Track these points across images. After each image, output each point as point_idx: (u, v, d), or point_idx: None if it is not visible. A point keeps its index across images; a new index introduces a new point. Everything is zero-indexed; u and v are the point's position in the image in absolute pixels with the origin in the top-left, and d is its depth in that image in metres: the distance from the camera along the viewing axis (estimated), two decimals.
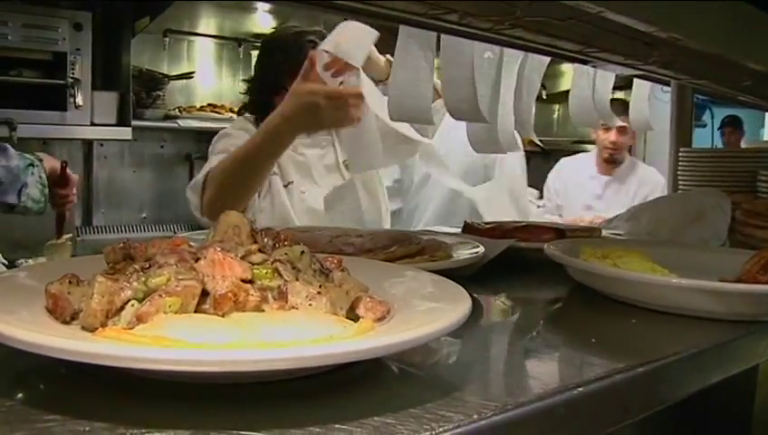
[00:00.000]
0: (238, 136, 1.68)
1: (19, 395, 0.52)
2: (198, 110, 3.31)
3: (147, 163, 3.32)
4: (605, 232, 1.44)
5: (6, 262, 1.74)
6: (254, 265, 0.62)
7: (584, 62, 1.18)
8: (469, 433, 0.48)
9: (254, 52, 3.48)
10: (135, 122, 2.85)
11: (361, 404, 0.51)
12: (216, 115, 3.26)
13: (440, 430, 0.47)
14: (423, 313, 0.61)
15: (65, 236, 1.81)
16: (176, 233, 2.74)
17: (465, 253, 1.02)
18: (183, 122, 3.14)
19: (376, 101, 1.44)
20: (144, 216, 3.32)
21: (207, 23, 3.38)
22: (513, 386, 0.63)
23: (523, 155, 2.49)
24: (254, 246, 0.65)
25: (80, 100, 2.57)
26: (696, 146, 2.16)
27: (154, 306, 0.54)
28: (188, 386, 0.51)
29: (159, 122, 3.12)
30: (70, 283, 0.59)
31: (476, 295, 0.83)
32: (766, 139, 7.29)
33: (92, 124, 2.70)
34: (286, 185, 1.76)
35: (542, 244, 1.03)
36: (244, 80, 2.10)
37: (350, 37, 1.42)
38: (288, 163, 1.77)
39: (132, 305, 0.56)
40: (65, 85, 2.58)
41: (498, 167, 2.40)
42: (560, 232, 1.27)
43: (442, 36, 1.17)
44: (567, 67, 3.53)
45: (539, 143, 1.74)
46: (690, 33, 0.93)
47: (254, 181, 1.53)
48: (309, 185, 1.80)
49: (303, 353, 0.48)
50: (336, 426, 0.46)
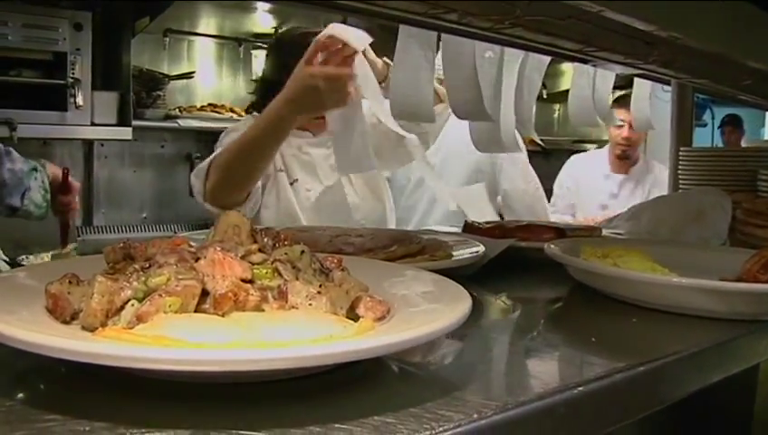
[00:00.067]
0: None
1: (19, 395, 0.52)
2: (199, 109, 3.31)
3: (147, 163, 3.32)
4: (605, 231, 1.44)
5: (8, 259, 1.74)
6: (253, 264, 0.62)
7: (584, 62, 1.18)
8: (469, 433, 0.48)
9: (254, 51, 3.48)
10: (135, 122, 2.85)
11: (362, 404, 0.51)
12: (217, 115, 3.26)
13: (440, 429, 0.47)
14: (423, 312, 0.61)
15: (70, 246, 1.81)
16: (176, 233, 2.74)
17: (465, 252, 1.02)
18: (183, 122, 3.14)
19: (379, 105, 1.45)
20: (144, 216, 3.32)
21: (207, 22, 3.37)
22: (514, 385, 0.63)
23: (527, 163, 2.50)
24: (254, 246, 0.65)
25: (80, 100, 2.57)
26: (697, 145, 2.16)
27: (154, 306, 0.54)
28: (188, 386, 0.51)
29: (160, 122, 3.12)
30: (70, 283, 0.59)
31: (477, 295, 0.83)
32: (767, 138, 7.29)
33: (93, 124, 2.70)
34: (292, 183, 1.78)
35: (542, 243, 1.03)
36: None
37: (349, 29, 1.45)
38: (294, 162, 1.79)
39: (132, 305, 0.56)
40: (65, 85, 2.58)
41: (503, 172, 2.41)
42: (560, 231, 1.27)
43: (442, 36, 1.17)
44: (567, 66, 3.53)
45: (540, 142, 1.75)
46: (690, 33, 0.93)
47: (256, 167, 1.54)
48: (314, 183, 1.82)
49: (303, 353, 0.48)
50: (336, 425, 0.46)
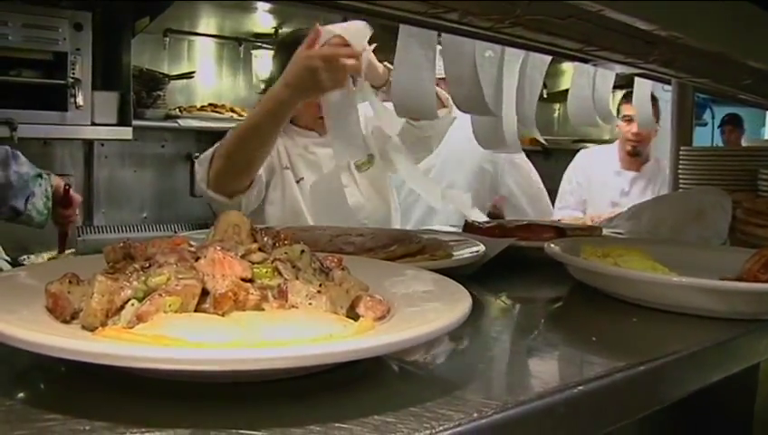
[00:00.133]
0: None
1: (19, 394, 0.52)
2: (199, 109, 3.30)
3: (147, 163, 3.32)
4: (605, 231, 1.44)
5: (9, 259, 1.74)
6: (253, 264, 0.62)
7: (584, 61, 1.18)
8: (469, 432, 0.48)
9: (254, 51, 3.48)
10: (135, 122, 2.85)
11: (362, 403, 0.51)
12: (217, 115, 3.26)
13: (440, 428, 0.47)
14: (423, 312, 0.61)
15: (67, 251, 1.81)
16: (176, 233, 2.74)
17: (465, 252, 1.02)
18: (183, 122, 3.13)
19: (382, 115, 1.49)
20: (145, 215, 3.32)
21: (208, 22, 3.37)
22: (514, 385, 0.63)
23: (529, 163, 2.53)
24: (254, 245, 0.65)
25: (80, 100, 2.57)
26: (697, 145, 2.16)
27: (154, 305, 0.54)
28: (188, 385, 0.51)
29: (160, 122, 3.12)
30: (70, 282, 0.59)
31: (477, 294, 0.83)
32: (767, 137, 7.29)
33: (93, 124, 2.70)
34: (298, 181, 1.80)
35: (542, 243, 1.03)
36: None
37: (351, 27, 1.48)
38: (299, 161, 1.81)
39: (132, 305, 0.56)
40: (66, 85, 2.58)
41: (505, 173, 2.45)
42: (560, 231, 1.27)
43: (443, 35, 1.17)
44: (567, 66, 3.53)
45: (543, 141, 1.75)
46: (690, 32, 0.93)
47: (257, 152, 1.56)
48: None
49: (303, 352, 0.48)
50: (336, 425, 0.46)
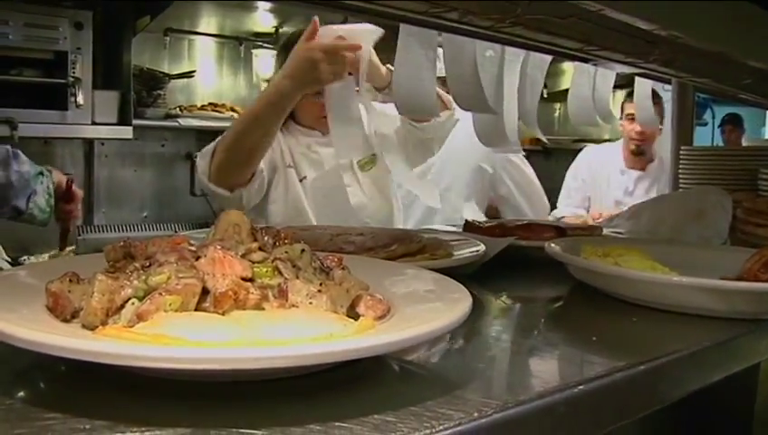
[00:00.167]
0: None
1: (19, 393, 0.52)
2: (199, 109, 3.30)
3: (148, 162, 3.31)
4: (606, 230, 1.44)
5: (10, 259, 1.74)
6: (254, 263, 0.62)
7: (585, 61, 1.18)
8: (470, 431, 0.48)
9: (255, 51, 3.48)
10: (136, 121, 2.85)
11: (362, 402, 0.51)
12: (217, 114, 3.26)
13: (441, 428, 0.47)
14: (423, 311, 0.61)
15: (68, 249, 1.81)
16: (176, 232, 2.74)
17: (465, 251, 1.02)
18: (184, 121, 3.13)
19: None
20: (145, 215, 3.32)
21: (208, 22, 3.37)
22: (514, 384, 0.63)
23: (526, 162, 2.55)
24: (255, 245, 0.65)
25: (81, 99, 2.57)
26: (697, 144, 2.16)
27: (154, 304, 0.54)
28: (188, 384, 0.51)
29: (160, 121, 3.11)
30: (70, 281, 0.59)
31: (477, 294, 0.83)
32: (767, 137, 7.29)
33: (93, 123, 2.69)
34: (301, 180, 1.80)
35: (542, 242, 1.03)
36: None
37: (356, 29, 1.49)
38: (303, 160, 1.82)
39: (132, 304, 0.56)
40: (66, 84, 2.58)
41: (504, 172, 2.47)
42: (560, 230, 1.27)
43: (443, 34, 1.17)
44: (568, 66, 3.53)
45: (544, 139, 1.76)
46: (691, 32, 0.93)
47: (259, 144, 1.56)
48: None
49: (304, 351, 0.48)
50: (336, 424, 0.46)
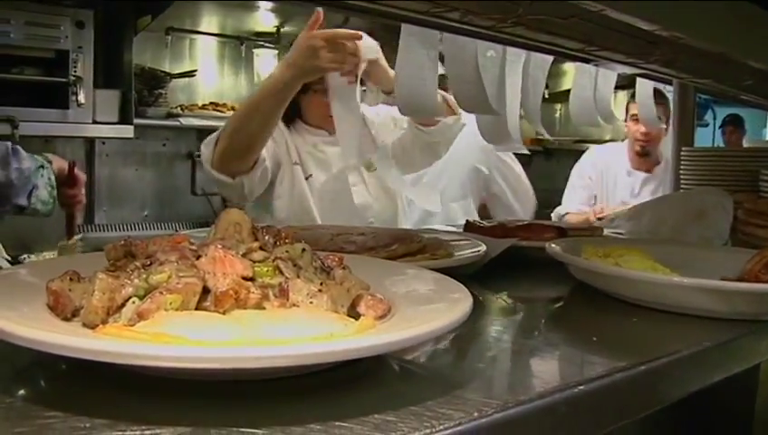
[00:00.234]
0: None
1: (20, 392, 0.52)
2: (200, 108, 3.30)
3: (148, 161, 3.32)
4: (606, 231, 1.44)
5: (10, 258, 1.74)
6: (255, 262, 0.62)
7: (586, 61, 1.18)
8: (470, 431, 0.48)
9: (256, 50, 3.48)
10: (137, 120, 2.85)
11: (362, 402, 0.51)
12: (218, 113, 3.26)
13: (441, 427, 0.47)
14: (424, 311, 0.61)
15: (76, 237, 1.80)
16: (177, 231, 2.74)
17: (466, 252, 1.02)
18: (185, 121, 3.13)
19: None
20: (146, 214, 3.32)
21: (209, 21, 3.37)
22: (514, 384, 0.63)
23: (518, 163, 2.57)
24: (255, 244, 0.65)
25: (82, 98, 2.57)
26: (698, 145, 2.16)
27: (155, 303, 0.54)
28: (189, 383, 0.51)
29: (161, 121, 3.12)
30: (71, 280, 0.59)
31: (478, 294, 0.83)
32: None
33: (94, 122, 2.70)
34: (307, 178, 1.82)
35: (543, 243, 1.03)
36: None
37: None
38: (309, 158, 1.84)
39: (133, 302, 0.56)
40: (67, 83, 2.58)
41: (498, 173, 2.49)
42: (561, 231, 1.27)
43: (445, 35, 1.17)
44: (569, 66, 3.53)
45: (549, 137, 1.77)
46: (692, 32, 0.93)
47: (260, 132, 1.59)
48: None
49: (304, 351, 0.48)
50: (336, 423, 0.46)
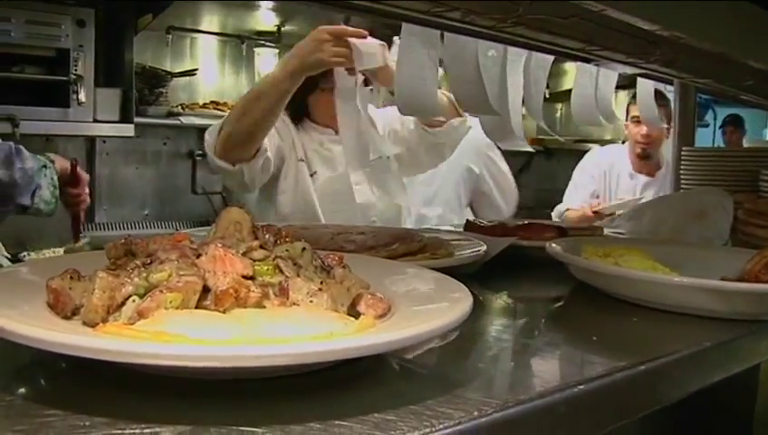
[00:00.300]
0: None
1: (20, 390, 0.52)
2: (201, 107, 3.30)
3: (149, 160, 3.32)
4: (607, 231, 1.44)
5: (10, 256, 1.74)
6: (255, 261, 0.62)
7: (587, 61, 1.18)
8: (469, 430, 0.48)
9: (256, 49, 3.48)
10: (138, 119, 2.85)
11: (362, 401, 0.51)
12: (219, 112, 3.25)
13: (441, 426, 0.47)
14: (424, 310, 0.61)
15: (83, 240, 1.80)
16: (178, 230, 2.74)
17: (466, 251, 1.02)
18: (186, 120, 3.13)
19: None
20: (146, 213, 3.32)
21: (210, 20, 3.37)
22: (514, 383, 0.63)
23: (506, 167, 2.59)
24: (256, 243, 0.65)
25: (82, 96, 2.57)
26: (698, 145, 2.16)
27: (155, 302, 0.54)
28: (189, 382, 0.51)
29: (162, 119, 3.12)
30: (71, 278, 0.59)
31: (478, 293, 0.83)
32: None
33: (95, 121, 2.70)
34: (311, 175, 1.84)
35: (543, 242, 1.03)
36: None
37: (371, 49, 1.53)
38: (315, 156, 1.85)
39: (133, 301, 0.56)
40: (68, 82, 2.58)
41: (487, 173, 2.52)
42: (561, 230, 1.27)
43: (446, 34, 1.17)
44: (570, 66, 3.52)
45: (553, 134, 1.78)
46: (692, 32, 0.93)
47: (262, 122, 1.60)
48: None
49: (304, 350, 0.48)
50: (336, 422, 0.46)
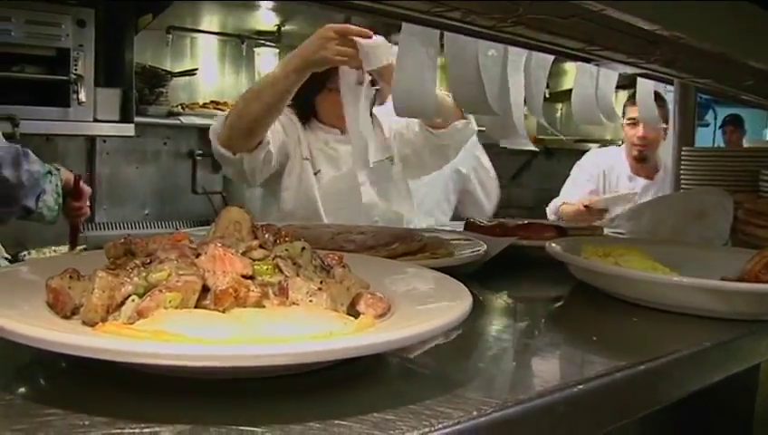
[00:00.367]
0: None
1: (19, 389, 0.52)
2: (201, 107, 3.30)
3: (149, 160, 3.31)
4: (607, 231, 1.44)
5: (9, 257, 1.74)
6: (254, 260, 0.62)
7: (587, 61, 1.18)
8: (469, 430, 0.48)
9: (257, 49, 3.47)
10: (138, 119, 2.85)
11: (361, 400, 0.51)
12: (219, 112, 3.24)
13: (440, 426, 0.47)
14: (423, 310, 0.61)
15: (79, 248, 1.81)
16: (178, 229, 2.74)
17: (466, 251, 1.02)
18: (186, 119, 3.13)
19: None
20: (146, 212, 3.32)
21: (210, 20, 3.37)
22: (514, 383, 0.63)
23: (489, 165, 2.60)
24: (255, 242, 0.65)
25: (83, 96, 2.57)
26: (699, 145, 2.16)
27: (154, 301, 0.54)
28: (188, 381, 0.51)
29: (162, 119, 3.11)
30: (71, 278, 0.59)
31: (478, 293, 0.83)
32: None
33: (95, 120, 2.70)
34: (315, 173, 1.86)
35: (543, 242, 1.03)
36: None
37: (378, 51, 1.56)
38: (320, 155, 1.87)
39: (133, 300, 0.56)
40: (68, 81, 2.58)
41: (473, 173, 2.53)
42: (561, 230, 1.27)
43: (446, 34, 1.17)
44: (570, 66, 3.52)
45: (556, 132, 1.79)
46: (692, 32, 0.93)
47: (264, 115, 1.63)
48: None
49: (304, 349, 0.48)
50: (336, 421, 0.46)
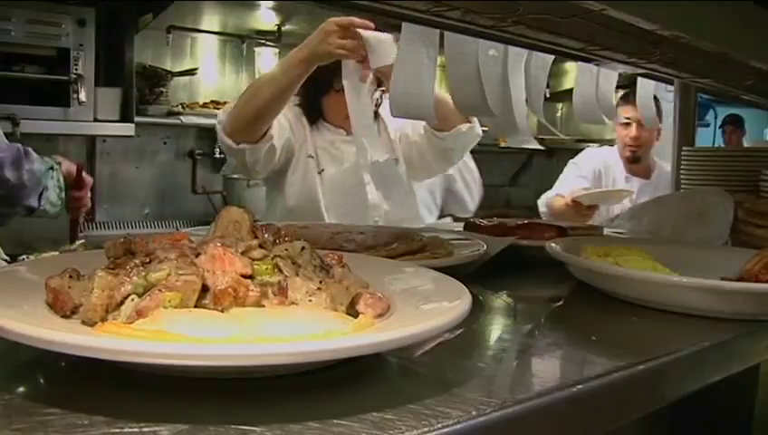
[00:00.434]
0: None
1: (19, 388, 0.52)
2: (201, 106, 3.31)
3: (149, 159, 3.32)
4: (607, 231, 1.44)
5: (8, 258, 1.74)
6: (254, 260, 0.62)
7: (587, 60, 1.18)
8: (468, 430, 0.48)
9: (257, 48, 3.48)
10: (138, 118, 2.86)
11: (360, 400, 0.51)
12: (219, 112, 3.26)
13: (439, 426, 0.47)
14: (423, 309, 0.61)
15: (78, 242, 1.80)
16: (178, 229, 2.74)
17: (466, 251, 1.02)
18: (186, 119, 3.13)
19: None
20: (146, 212, 3.32)
21: (211, 19, 3.37)
22: (513, 383, 0.63)
23: (473, 165, 2.60)
24: (255, 242, 0.65)
25: (83, 96, 2.58)
26: (699, 145, 2.15)
27: (154, 301, 0.54)
28: (187, 380, 0.51)
29: (162, 119, 3.12)
30: (70, 277, 0.59)
31: (477, 293, 0.83)
32: None
33: (95, 120, 2.70)
34: (319, 172, 1.86)
35: (543, 242, 1.03)
36: None
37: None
38: (324, 154, 1.88)
39: (132, 300, 0.56)
40: (68, 81, 2.59)
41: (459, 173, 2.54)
42: (561, 230, 1.27)
43: (446, 34, 1.17)
44: (570, 66, 3.53)
45: (556, 131, 1.79)
46: (693, 32, 0.93)
47: (267, 108, 1.64)
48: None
49: (303, 349, 0.48)
50: (335, 421, 0.46)
